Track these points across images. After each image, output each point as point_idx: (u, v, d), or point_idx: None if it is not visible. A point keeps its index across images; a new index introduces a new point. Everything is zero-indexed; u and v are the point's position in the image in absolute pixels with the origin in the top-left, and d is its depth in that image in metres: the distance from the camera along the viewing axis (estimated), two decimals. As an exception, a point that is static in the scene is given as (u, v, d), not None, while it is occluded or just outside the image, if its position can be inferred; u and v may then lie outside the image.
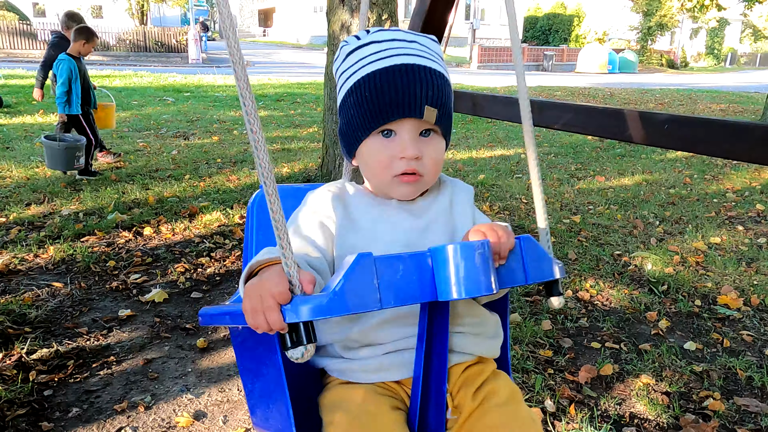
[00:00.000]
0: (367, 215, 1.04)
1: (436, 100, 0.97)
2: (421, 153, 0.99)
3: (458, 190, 1.14)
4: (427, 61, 0.99)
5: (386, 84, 0.95)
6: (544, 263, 0.94)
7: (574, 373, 2.44)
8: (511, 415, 0.95)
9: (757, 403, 2.27)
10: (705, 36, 49.60)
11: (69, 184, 5.01)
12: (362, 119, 0.98)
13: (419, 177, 1.01)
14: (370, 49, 0.99)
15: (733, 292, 3.27)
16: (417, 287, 0.81)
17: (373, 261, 0.77)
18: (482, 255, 0.81)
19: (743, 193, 5.71)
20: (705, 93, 18.12)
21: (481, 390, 0.99)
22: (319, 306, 0.74)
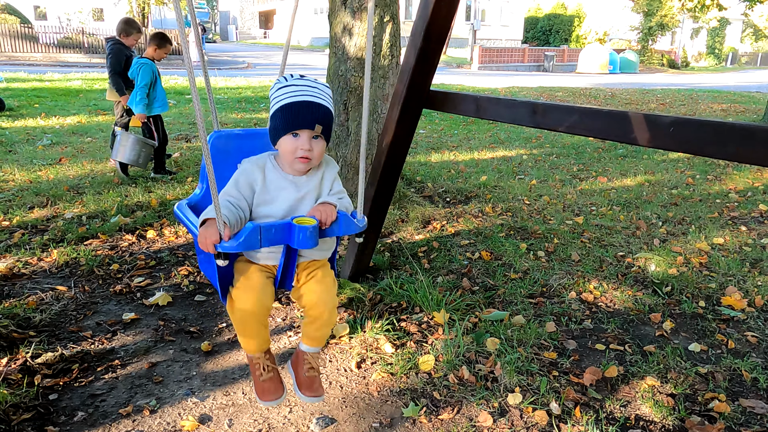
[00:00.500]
0: (274, 184, 1.81)
1: (322, 121, 1.76)
2: (312, 148, 1.76)
3: (328, 170, 1.89)
4: (320, 100, 1.77)
5: (297, 110, 1.74)
6: (351, 227, 1.76)
7: (579, 375, 2.44)
8: (321, 283, 1.84)
9: (762, 405, 2.26)
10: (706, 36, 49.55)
11: (72, 187, 5.01)
12: (283, 126, 1.76)
13: (309, 160, 1.78)
14: (291, 89, 1.77)
15: (737, 293, 3.27)
16: (281, 239, 1.65)
17: (258, 228, 1.59)
18: (311, 232, 1.62)
19: (746, 193, 5.70)
20: (706, 93, 18.10)
21: (312, 273, 1.86)
22: (231, 247, 1.56)
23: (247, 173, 1.80)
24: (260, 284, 1.77)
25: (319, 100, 1.76)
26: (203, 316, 2.88)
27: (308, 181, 1.84)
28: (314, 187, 1.85)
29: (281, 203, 1.79)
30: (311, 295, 1.83)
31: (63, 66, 21.53)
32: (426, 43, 2.43)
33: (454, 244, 3.97)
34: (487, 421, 2.11)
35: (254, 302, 1.76)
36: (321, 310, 1.83)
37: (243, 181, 1.79)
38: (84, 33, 26.31)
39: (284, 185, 1.82)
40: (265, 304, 1.79)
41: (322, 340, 1.94)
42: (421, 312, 2.93)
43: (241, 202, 1.75)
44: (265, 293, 1.78)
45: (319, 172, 1.87)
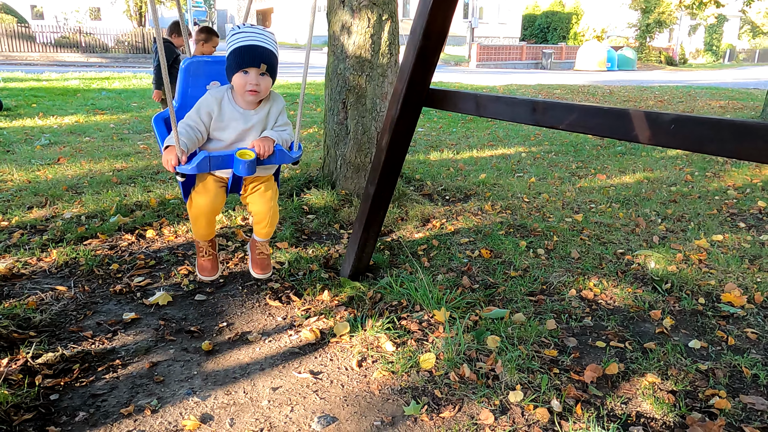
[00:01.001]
0: (227, 115, 2.25)
1: (266, 61, 2.19)
2: (259, 82, 2.19)
3: (275, 105, 2.35)
4: (264, 44, 2.19)
5: (245, 52, 2.17)
6: (285, 158, 2.29)
7: (580, 373, 2.44)
8: (263, 196, 2.41)
9: (763, 401, 2.27)
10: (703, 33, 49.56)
11: (70, 187, 5.00)
12: (235, 65, 2.18)
13: (257, 93, 2.21)
14: (240, 35, 2.19)
15: (737, 290, 3.27)
16: (226, 166, 2.19)
17: (208, 157, 2.13)
18: (250, 162, 2.14)
19: (744, 190, 5.71)
20: (704, 90, 18.11)
21: (256, 187, 2.41)
22: (187, 169, 2.10)
23: (206, 103, 2.25)
24: (213, 190, 2.35)
25: (264, 44, 2.19)
26: (203, 316, 2.88)
27: (255, 114, 2.30)
28: (261, 119, 2.31)
29: (231, 132, 2.27)
30: (255, 204, 2.43)
31: (60, 65, 21.48)
32: (426, 41, 2.43)
33: (454, 242, 3.97)
34: (488, 419, 2.12)
35: (208, 203, 2.36)
36: (264, 215, 2.45)
37: (203, 109, 2.25)
38: (81, 32, 26.24)
39: (235, 116, 2.27)
40: (216, 205, 2.39)
41: (268, 234, 2.59)
42: (422, 310, 2.93)
43: (199, 126, 2.23)
44: (216, 197, 2.37)
45: (267, 106, 2.32)
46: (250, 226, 4.13)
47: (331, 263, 3.53)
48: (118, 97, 11.61)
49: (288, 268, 3.40)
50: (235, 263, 3.49)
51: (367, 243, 3.18)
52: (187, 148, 2.11)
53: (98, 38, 26.59)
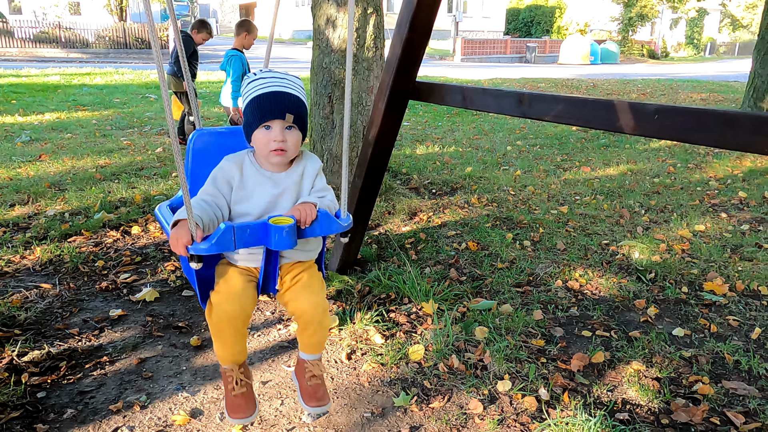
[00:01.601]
0: (251, 180, 1.75)
1: (293, 110, 1.71)
2: (285, 138, 1.70)
3: (309, 165, 1.82)
4: (289, 90, 1.73)
5: (266, 101, 1.70)
6: (333, 225, 1.68)
7: (567, 362, 2.47)
8: (308, 287, 1.77)
9: (744, 386, 2.32)
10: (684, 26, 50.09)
11: (53, 184, 4.94)
12: (254, 120, 1.71)
13: (284, 152, 1.72)
14: (259, 82, 1.74)
15: (719, 279, 3.33)
16: (257, 240, 1.57)
17: (232, 229, 1.52)
18: (288, 231, 1.55)
19: (726, 181, 5.80)
20: (686, 83, 18.32)
21: (297, 276, 1.78)
22: (203, 249, 1.49)
23: (224, 170, 1.76)
24: (240, 288, 1.69)
25: (289, 90, 1.73)
26: (191, 311, 2.87)
27: (287, 177, 1.78)
28: (294, 183, 1.78)
29: (258, 199, 1.73)
30: (299, 301, 1.75)
31: (40, 61, 21.13)
32: (411, 34, 2.43)
33: (441, 235, 3.99)
34: (477, 408, 2.14)
35: (233, 307, 1.67)
36: (311, 315, 1.75)
37: (220, 177, 1.74)
38: (61, 27, 25.82)
39: (261, 181, 1.75)
40: (245, 310, 1.71)
41: (320, 346, 1.86)
42: (410, 303, 2.95)
43: (218, 200, 1.71)
44: (245, 297, 1.70)
45: (299, 167, 1.81)
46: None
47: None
48: (99, 93, 11.46)
49: (276, 263, 3.39)
50: (222, 258, 3.48)
51: (354, 236, 3.18)
52: (203, 224, 1.57)
53: (78, 33, 26.19)
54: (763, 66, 9.68)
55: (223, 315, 1.68)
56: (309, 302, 1.75)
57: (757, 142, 1.22)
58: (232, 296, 1.68)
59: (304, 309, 1.75)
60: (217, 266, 1.80)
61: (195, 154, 2.06)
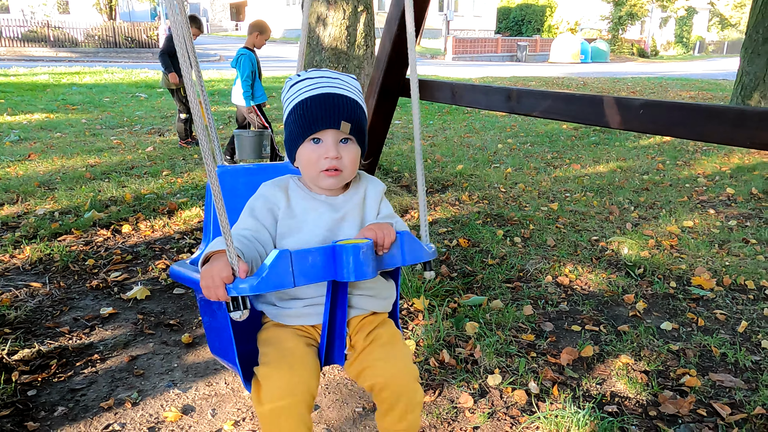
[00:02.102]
0: (301, 206, 1.38)
1: (350, 116, 1.33)
2: (340, 155, 1.34)
3: (372, 187, 1.48)
4: (344, 92, 1.36)
5: (315, 106, 1.32)
6: (418, 250, 1.32)
7: (556, 356, 2.50)
8: (390, 351, 1.34)
9: (731, 378, 2.35)
10: (674, 25, 50.44)
11: (42, 183, 4.91)
12: (299, 131, 1.35)
13: (339, 172, 1.35)
14: (306, 83, 1.37)
15: (707, 273, 3.37)
16: (321, 271, 1.17)
17: (289, 255, 1.12)
18: (366, 252, 1.17)
19: (714, 177, 5.86)
20: (675, 81, 18.46)
21: (371, 334, 1.37)
22: (251, 286, 1.10)
23: (265, 196, 1.38)
24: (300, 355, 1.26)
25: (344, 92, 1.35)
26: (182, 309, 2.87)
27: (346, 201, 1.41)
28: (356, 206, 1.41)
29: (314, 227, 1.35)
30: (379, 368, 1.30)
31: (28, 60, 20.97)
32: (401, 31, 2.44)
33: (432, 232, 4.00)
34: (467, 402, 2.16)
35: (291, 383, 1.20)
36: (400, 386, 1.29)
37: (261, 206, 1.36)
38: (49, 26, 25.64)
39: (314, 206, 1.38)
40: (309, 387, 1.23)
41: (415, 428, 1.38)
42: (402, 299, 2.96)
43: (259, 234, 1.30)
44: (307, 368, 1.24)
45: (360, 189, 1.44)
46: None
47: (311, 255, 3.53)
48: (89, 92, 11.39)
49: (267, 261, 3.39)
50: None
51: (346, 234, 3.19)
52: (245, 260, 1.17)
53: (67, 32, 26.02)
54: (750, 64, 9.78)
55: (279, 397, 1.19)
56: (395, 368, 1.30)
57: (739, 135, 1.24)
58: (289, 368, 1.22)
59: (388, 378, 1.29)
60: (262, 331, 1.39)
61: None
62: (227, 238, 1.09)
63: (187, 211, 4.21)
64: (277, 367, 1.22)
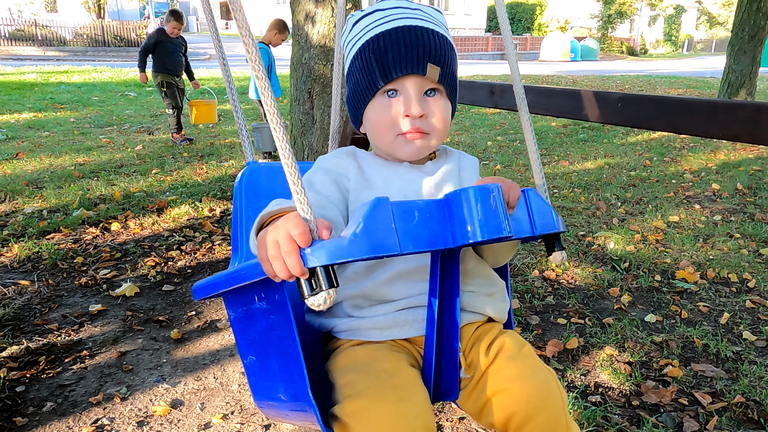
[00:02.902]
0: (380, 175, 1.05)
1: (439, 58, 0.99)
2: (426, 111, 1.01)
3: (465, 159, 1.18)
4: (429, 24, 1.02)
5: (389, 44, 0.98)
6: (547, 215, 0.97)
7: (542, 348, 2.53)
8: (526, 366, 0.94)
9: (712, 368, 2.40)
10: (662, 23, 50.80)
11: (30, 182, 4.89)
12: (367, 80, 1.01)
13: (425, 135, 1.03)
14: (374, 16, 1.03)
15: (691, 267, 3.42)
16: (435, 233, 0.80)
17: (390, 205, 0.77)
18: (496, 198, 0.81)
19: (700, 173, 5.93)
20: (664, 79, 18.61)
21: (493, 345, 0.98)
22: (340, 247, 0.72)
23: (328, 167, 1.06)
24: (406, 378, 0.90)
25: (427, 23, 1.02)
26: (171, 305, 2.88)
27: (440, 167, 1.10)
28: (451, 176, 1.10)
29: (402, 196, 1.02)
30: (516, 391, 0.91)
31: (15, 59, 20.80)
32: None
33: (421, 228, 4.03)
34: (454, 393, 2.18)
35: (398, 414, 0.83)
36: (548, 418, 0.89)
37: (324, 179, 1.03)
38: (37, 25, 25.44)
39: (399, 172, 1.06)
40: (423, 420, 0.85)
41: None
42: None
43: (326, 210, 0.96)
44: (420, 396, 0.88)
45: (451, 160, 1.15)
46: (218, 216, 4.10)
47: (300, 251, 3.55)
48: (78, 91, 11.33)
49: (256, 257, 3.41)
50: (202, 254, 3.48)
51: (334, 230, 3.21)
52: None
53: (55, 31, 25.83)
54: (736, 62, 9.89)
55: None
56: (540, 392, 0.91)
57: (712, 127, 1.28)
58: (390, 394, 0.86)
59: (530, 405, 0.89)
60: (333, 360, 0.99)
61: (248, 193, 1.27)
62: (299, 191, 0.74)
63: (176, 209, 4.21)
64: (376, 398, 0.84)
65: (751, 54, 9.74)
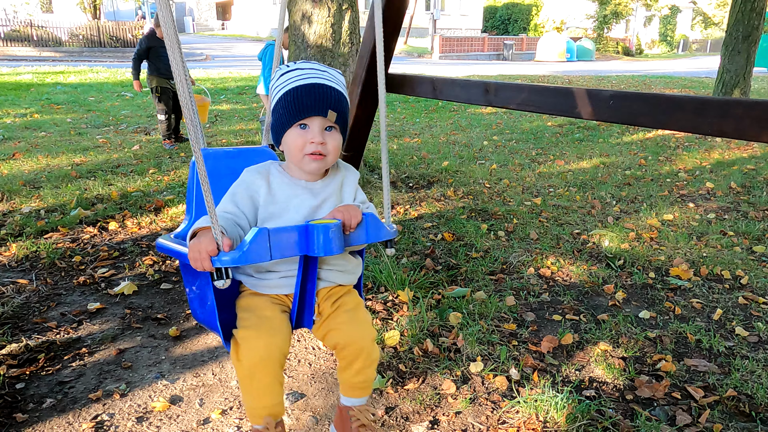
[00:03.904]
0: (283, 192, 1.51)
1: (336, 107, 1.47)
2: (325, 141, 1.46)
3: (348, 174, 1.62)
4: (332, 83, 1.49)
5: (305, 94, 1.45)
6: (380, 230, 1.50)
7: (537, 344, 2.56)
8: (353, 316, 1.52)
9: (705, 363, 2.43)
10: (658, 24, 50.94)
11: (28, 182, 4.90)
12: (288, 116, 1.46)
13: (323, 156, 1.48)
14: (296, 72, 1.49)
15: (684, 264, 3.46)
16: (295, 247, 1.36)
17: (267, 232, 1.30)
18: (334, 231, 1.36)
19: (694, 172, 5.97)
20: (659, 79, 18.68)
21: (337, 302, 1.54)
22: (233, 259, 1.26)
23: (246, 183, 1.49)
24: (274, 320, 1.43)
25: (332, 83, 1.48)
26: (170, 303, 2.90)
27: (325, 187, 1.54)
28: (333, 193, 1.55)
29: (295, 214, 1.48)
30: (342, 330, 1.48)
31: (11, 60, 20.74)
32: (384, 27, 2.49)
33: (418, 226, 4.06)
34: (450, 388, 2.21)
35: (267, 345, 1.37)
36: (359, 346, 1.48)
37: (242, 192, 1.47)
38: (32, 25, 25.38)
39: (296, 192, 1.50)
40: (281, 348, 1.40)
41: (368, 386, 1.56)
42: (387, 291, 3.01)
43: (240, 219, 1.43)
44: (280, 332, 1.41)
45: (338, 177, 1.58)
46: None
47: (297, 250, 3.57)
48: (74, 92, 11.32)
49: (254, 256, 3.43)
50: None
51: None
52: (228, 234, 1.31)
53: (51, 32, 25.76)
54: (731, 62, 9.95)
55: (256, 356, 1.36)
56: (355, 330, 1.49)
57: (700, 123, 1.31)
58: (264, 331, 1.39)
59: (349, 338, 1.48)
60: (240, 299, 1.54)
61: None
62: (212, 216, 1.24)
63: (173, 208, 4.23)
64: (255, 330, 1.40)
65: (745, 54, 9.80)
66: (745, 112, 1.17)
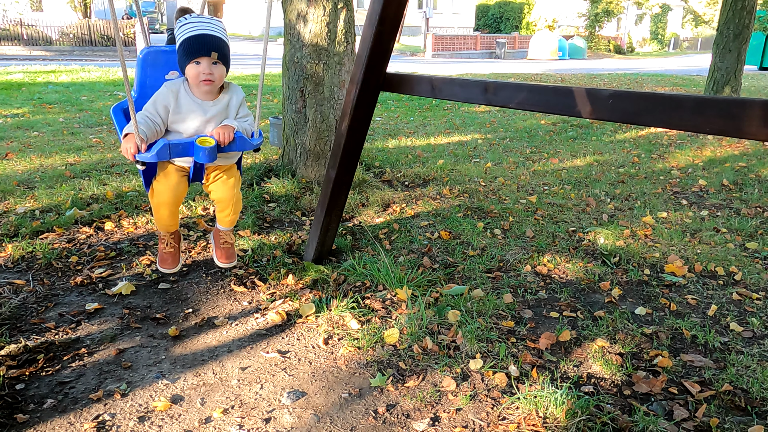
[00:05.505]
0: (185, 107, 2.31)
1: (217, 49, 2.24)
2: (213, 71, 2.25)
3: (234, 95, 2.41)
4: (214, 32, 2.25)
5: (195, 41, 2.22)
6: (246, 145, 2.33)
7: (535, 341, 2.58)
8: (225, 183, 2.50)
9: (701, 358, 2.46)
10: (649, 22, 51.18)
11: (21, 182, 4.87)
12: (186, 56, 2.24)
13: (212, 82, 2.27)
14: (189, 26, 2.25)
15: (679, 261, 3.49)
16: (187, 154, 2.24)
17: (168, 144, 2.18)
18: (209, 150, 2.19)
19: (687, 170, 6.02)
20: (650, 77, 18.79)
21: (218, 175, 2.50)
22: (146, 157, 2.15)
23: (162, 96, 2.29)
24: (175, 179, 2.41)
25: (213, 32, 2.24)
26: (168, 303, 2.90)
27: (214, 106, 2.35)
28: (221, 110, 2.36)
29: (191, 123, 2.32)
30: (218, 192, 2.49)
31: (1, 59, 20.55)
32: (381, 26, 2.50)
33: (414, 225, 4.08)
34: (450, 385, 2.23)
35: (169, 192, 2.41)
36: (227, 202, 2.52)
37: (159, 102, 2.29)
38: (22, 24, 25.14)
39: (193, 108, 2.31)
40: (178, 195, 2.44)
41: (232, 222, 2.64)
42: (385, 290, 3.03)
43: (156, 118, 2.27)
44: (178, 186, 2.42)
45: (226, 97, 2.38)
46: (212, 216, 4.14)
47: (295, 249, 3.58)
48: (66, 91, 11.24)
49: (251, 255, 3.43)
50: (197, 252, 3.50)
51: (329, 227, 3.24)
52: (146, 137, 2.16)
53: (41, 30, 25.54)
54: (722, 60, 10.03)
55: (162, 198, 2.44)
56: (227, 192, 2.49)
57: (699, 122, 1.32)
58: (168, 186, 2.41)
59: (222, 196, 2.50)
60: (159, 163, 2.41)
61: (144, 68, 2.54)
62: (135, 128, 2.11)
63: (169, 208, 4.21)
64: (163, 183, 2.41)
65: (736, 52, 9.88)
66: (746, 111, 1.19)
